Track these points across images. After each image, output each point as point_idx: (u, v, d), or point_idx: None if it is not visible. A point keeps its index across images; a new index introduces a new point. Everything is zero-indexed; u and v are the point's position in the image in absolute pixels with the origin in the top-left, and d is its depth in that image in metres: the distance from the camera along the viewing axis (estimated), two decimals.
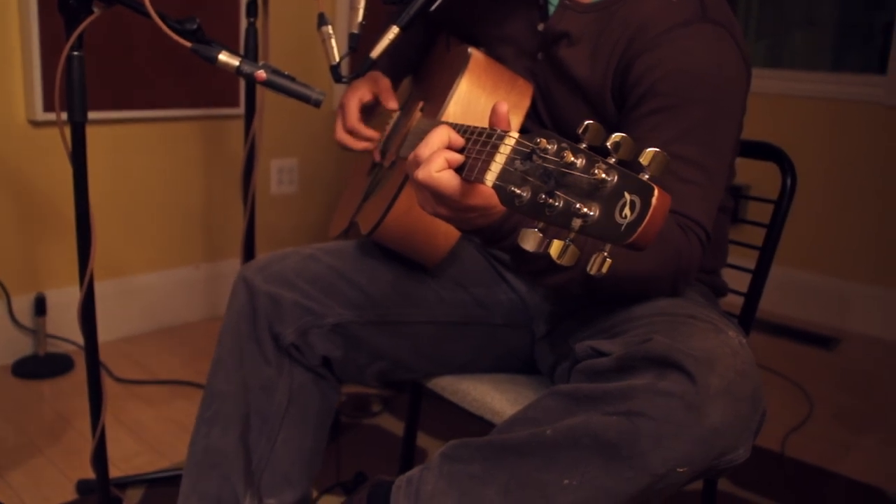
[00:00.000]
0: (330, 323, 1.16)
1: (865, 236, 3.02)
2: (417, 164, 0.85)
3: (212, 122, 2.61)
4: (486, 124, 0.85)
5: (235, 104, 2.61)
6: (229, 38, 2.51)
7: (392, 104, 1.30)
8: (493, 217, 0.90)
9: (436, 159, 0.83)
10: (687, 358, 0.82)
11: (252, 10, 1.70)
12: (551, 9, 1.18)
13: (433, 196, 0.86)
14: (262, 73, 1.14)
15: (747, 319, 1.29)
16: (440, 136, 0.85)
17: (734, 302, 1.32)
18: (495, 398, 1.15)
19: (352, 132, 1.30)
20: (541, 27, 1.18)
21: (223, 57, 1.14)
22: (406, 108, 1.36)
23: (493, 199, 0.82)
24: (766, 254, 1.28)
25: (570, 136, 1.18)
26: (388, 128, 1.35)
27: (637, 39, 1.07)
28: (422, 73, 1.44)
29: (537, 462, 0.86)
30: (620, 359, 0.86)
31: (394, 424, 2.05)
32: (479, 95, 1.12)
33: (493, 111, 0.85)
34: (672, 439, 0.80)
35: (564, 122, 1.17)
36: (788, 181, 1.27)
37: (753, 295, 1.29)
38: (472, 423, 1.16)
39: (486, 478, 0.90)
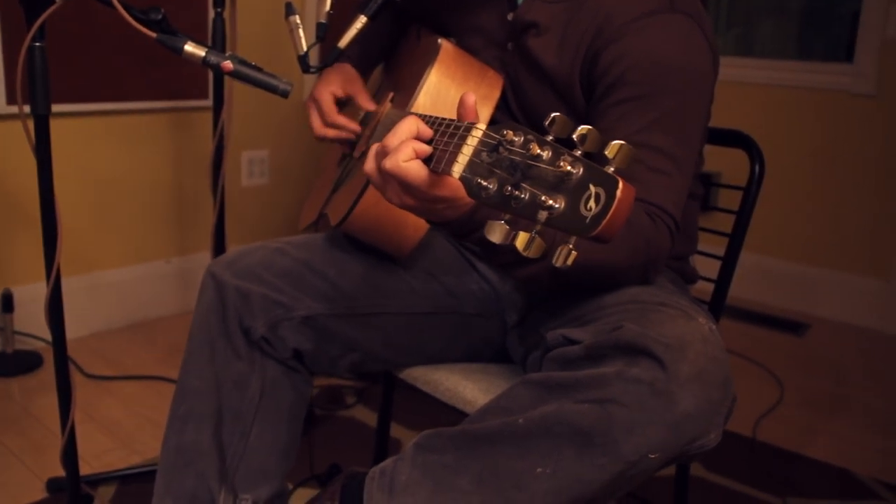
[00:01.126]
0: (300, 316, 1.16)
1: (834, 223, 3.05)
2: (385, 153, 0.84)
3: (181, 114, 2.58)
4: (455, 115, 0.85)
5: (204, 96, 2.58)
6: (197, 28, 2.47)
7: (369, 105, 1.29)
8: (462, 209, 0.89)
9: (403, 149, 0.82)
10: (657, 345, 0.83)
11: (219, 1, 1.68)
12: None
13: (400, 186, 0.85)
14: (228, 64, 1.13)
15: (717, 306, 1.30)
16: (408, 126, 0.84)
17: (705, 289, 1.34)
18: (468, 388, 1.15)
19: (333, 126, 1.29)
20: (510, 17, 1.18)
21: (189, 47, 1.12)
22: (377, 99, 1.35)
23: (461, 190, 0.81)
24: (736, 240, 1.29)
25: (539, 127, 1.18)
26: (359, 119, 1.35)
27: (605, 29, 1.07)
28: (392, 63, 1.43)
29: (510, 451, 0.86)
30: (591, 347, 0.87)
31: (368, 416, 2.04)
32: (448, 86, 1.12)
33: (461, 102, 0.85)
34: (644, 426, 0.81)
35: (534, 112, 1.17)
36: (756, 168, 1.28)
37: (723, 281, 1.30)
38: (447, 413, 1.16)
39: (460, 467, 0.90)
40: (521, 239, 0.70)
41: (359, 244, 1.22)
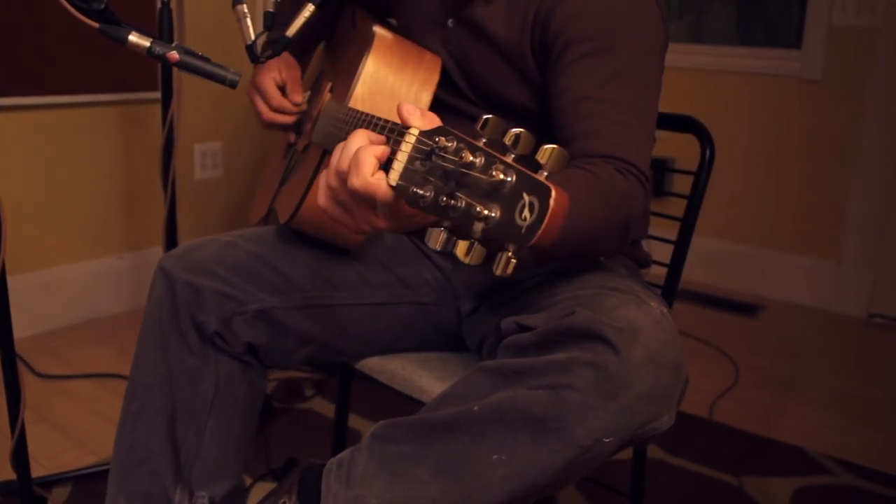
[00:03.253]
0: (253, 309, 1.14)
1: (786, 206, 3.11)
2: (342, 176, 0.77)
3: (130, 106, 2.53)
4: (394, 104, 0.84)
5: (155, 88, 2.53)
6: (145, 18, 2.43)
7: (297, 97, 1.27)
8: None
9: (364, 162, 0.75)
10: (610, 329, 0.83)
11: None
12: None
13: (369, 207, 0.77)
14: (174, 54, 1.11)
15: (671, 289, 1.31)
16: (359, 139, 0.79)
17: (660, 273, 1.35)
18: (424, 377, 1.15)
19: (280, 110, 1.28)
20: None
21: (133, 38, 1.09)
22: (317, 87, 1.34)
23: None
24: (687, 224, 1.30)
25: (489, 99, 1.17)
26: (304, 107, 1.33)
27: None
28: (331, 48, 1.42)
29: (466, 439, 0.86)
30: (544, 333, 0.87)
31: (327, 408, 2.03)
32: (386, 74, 1.11)
33: (399, 112, 0.78)
34: (597, 410, 0.81)
35: (484, 85, 1.17)
36: (707, 153, 1.30)
37: (676, 265, 1.32)
38: (405, 403, 1.16)
39: (417, 457, 0.90)
40: (462, 247, 0.69)
41: (311, 237, 1.21)
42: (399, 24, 1.25)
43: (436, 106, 1.15)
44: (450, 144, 0.68)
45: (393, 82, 1.10)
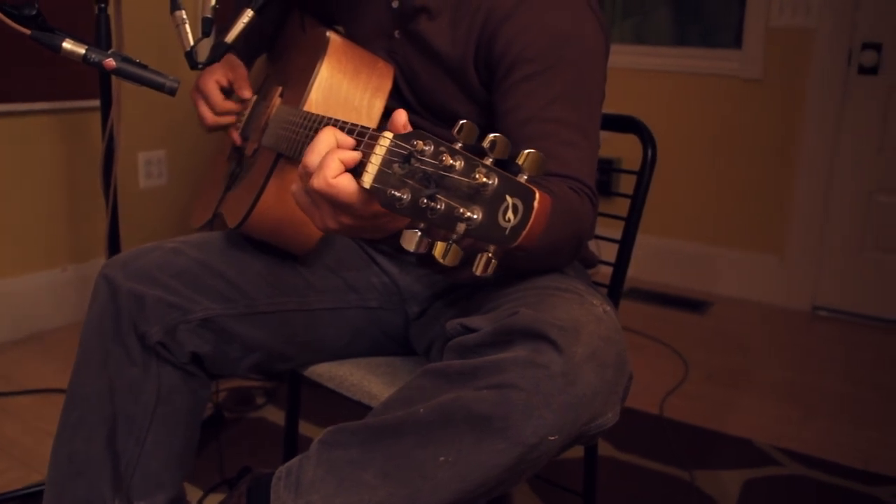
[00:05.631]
0: (198, 318, 1.13)
1: (730, 203, 3.17)
2: (308, 173, 0.79)
3: (70, 115, 2.48)
4: (348, 110, 0.84)
5: (95, 96, 2.48)
6: (85, 26, 2.38)
7: (246, 93, 1.26)
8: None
9: (329, 163, 0.76)
10: (552, 328, 0.84)
11: None
12: None
13: (332, 207, 0.79)
14: (111, 62, 1.09)
15: (616, 287, 1.33)
16: (327, 138, 0.80)
17: (608, 272, 1.36)
18: (372, 382, 1.15)
19: (224, 113, 1.26)
20: (395, 4, 1.18)
21: (68, 45, 1.08)
22: (264, 92, 1.32)
23: None
24: (631, 223, 1.32)
25: (435, 112, 1.18)
26: (248, 111, 1.32)
27: (496, 10, 1.07)
28: (277, 52, 1.41)
29: (413, 441, 0.86)
30: (489, 334, 0.87)
31: (279, 416, 2.01)
32: (340, 81, 1.10)
33: (393, 120, 0.80)
34: (542, 408, 0.81)
35: (429, 97, 1.17)
36: (649, 153, 1.31)
37: (621, 264, 1.33)
38: (357, 409, 1.16)
39: (364, 461, 0.89)
40: (439, 248, 0.70)
41: (257, 242, 1.20)
42: (346, 33, 1.24)
43: (385, 117, 1.15)
44: (427, 148, 0.69)
45: (347, 88, 1.10)
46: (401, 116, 0.81)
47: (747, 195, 3.13)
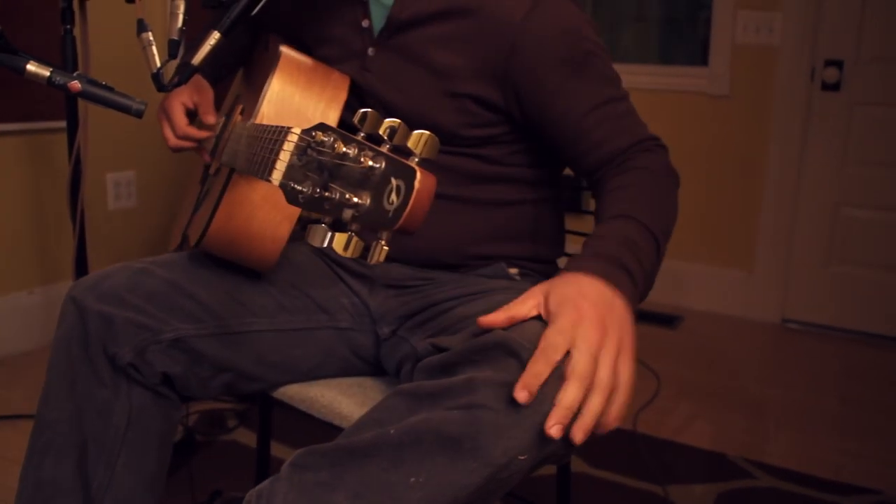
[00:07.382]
0: (168, 338, 1.11)
1: (699, 219, 3.20)
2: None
3: (37, 136, 2.46)
4: (301, 122, 0.84)
5: (62, 117, 2.46)
6: (51, 48, 2.36)
7: (210, 118, 1.26)
8: (622, 290, 0.93)
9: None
10: (521, 348, 0.84)
11: (67, 17, 1.61)
12: (372, 5, 1.18)
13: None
14: (76, 84, 1.08)
15: None
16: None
17: None
18: (343, 403, 1.14)
19: (185, 138, 1.26)
20: (365, 24, 1.18)
21: (32, 67, 1.07)
22: (230, 111, 1.32)
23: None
24: None
25: (424, 122, 1.19)
26: (217, 130, 1.32)
27: (505, 19, 1.10)
28: (247, 73, 1.41)
29: (383, 463, 0.86)
30: (459, 353, 0.87)
31: (251, 438, 1.99)
32: (292, 93, 1.11)
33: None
34: (511, 428, 0.81)
35: (409, 110, 1.17)
36: None
37: None
38: (330, 431, 1.15)
39: (335, 483, 0.88)
40: (339, 240, 0.70)
41: (225, 262, 1.19)
42: (317, 56, 1.25)
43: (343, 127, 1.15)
44: (326, 138, 0.70)
45: (299, 100, 1.10)
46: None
47: (716, 210, 3.17)
